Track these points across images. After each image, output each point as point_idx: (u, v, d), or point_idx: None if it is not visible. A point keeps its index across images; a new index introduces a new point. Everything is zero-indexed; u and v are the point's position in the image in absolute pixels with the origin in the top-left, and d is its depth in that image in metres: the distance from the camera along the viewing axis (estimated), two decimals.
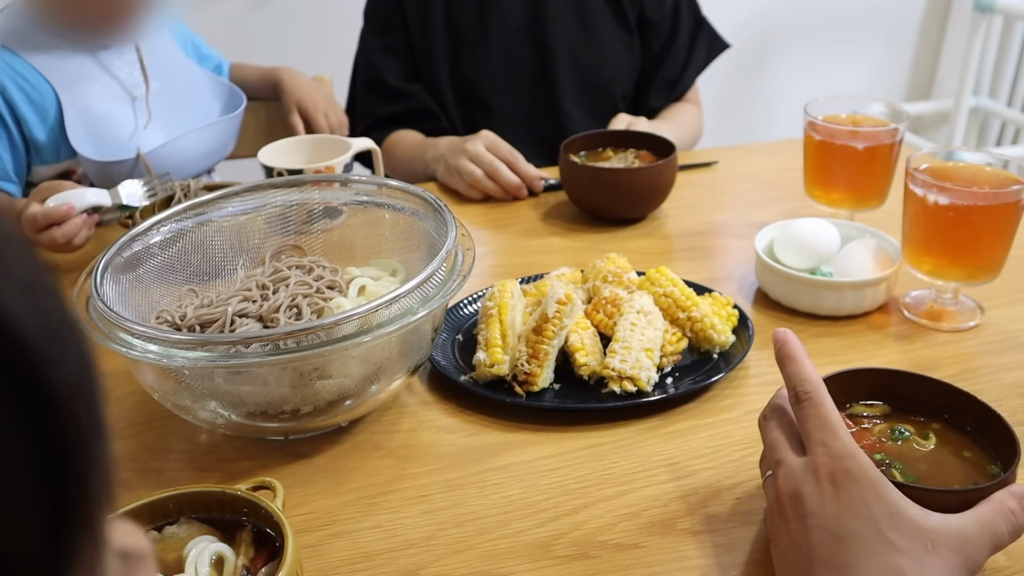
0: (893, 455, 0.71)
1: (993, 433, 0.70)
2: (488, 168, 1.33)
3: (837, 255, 1.04)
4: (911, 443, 0.72)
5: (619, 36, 1.62)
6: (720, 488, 0.77)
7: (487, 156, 1.34)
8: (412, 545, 0.73)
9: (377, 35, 1.64)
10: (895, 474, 0.68)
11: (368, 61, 1.64)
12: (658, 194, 1.27)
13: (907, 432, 0.72)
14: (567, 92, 1.60)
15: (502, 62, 1.59)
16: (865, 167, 1.17)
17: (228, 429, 0.84)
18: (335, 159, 1.19)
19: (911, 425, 0.73)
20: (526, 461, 0.81)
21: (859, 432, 0.72)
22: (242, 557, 0.63)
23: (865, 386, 0.75)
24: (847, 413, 0.75)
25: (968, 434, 0.72)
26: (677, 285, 0.96)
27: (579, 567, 0.70)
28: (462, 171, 1.35)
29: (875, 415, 0.75)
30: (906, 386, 0.75)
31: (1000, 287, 1.02)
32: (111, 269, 0.85)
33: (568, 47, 1.59)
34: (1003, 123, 3.19)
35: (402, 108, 1.61)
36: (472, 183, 1.34)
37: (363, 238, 1.00)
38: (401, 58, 1.62)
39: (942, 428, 0.73)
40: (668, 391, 0.88)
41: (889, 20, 3.12)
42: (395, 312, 0.76)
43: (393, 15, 1.62)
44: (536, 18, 1.58)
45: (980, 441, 0.71)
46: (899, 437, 0.72)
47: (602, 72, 1.62)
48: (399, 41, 1.62)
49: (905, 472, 0.69)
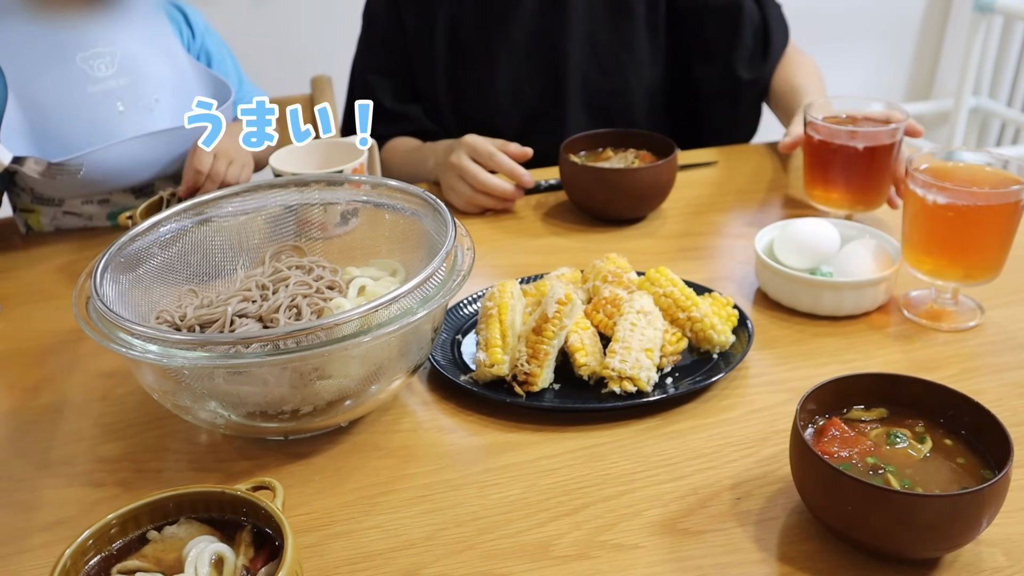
0: (886, 459, 0.71)
1: (988, 435, 0.70)
2: (475, 183, 1.29)
3: (837, 255, 1.04)
4: (906, 448, 0.72)
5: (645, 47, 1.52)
6: (720, 488, 0.77)
7: (472, 169, 1.29)
8: (412, 545, 0.73)
9: (375, 52, 1.57)
10: (889, 478, 0.69)
11: (364, 80, 1.57)
12: (658, 194, 1.27)
13: (903, 436, 0.73)
14: (577, 120, 1.52)
15: (507, 88, 1.51)
16: (865, 167, 1.17)
17: (228, 429, 0.84)
18: (347, 164, 1.19)
19: (907, 429, 0.74)
20: (526, 461, 0.81)
21: (856, 436, 0.72)
22: (242, 557, 0.62)
23: (863, 390, 0.76)
24: (845, 417, 0.75)
25: (963, 437, 0.72)
26: (677, 285, 0.96)
27: (579, 567, 0.70)
28: (454, 189, 1.32)
29: (873, 419, 0.75)
30: (903, 389, 0.75)
31: (1000, 287, 1.02)
32: (111, 269, 0.85)
33: (581, 71, 1.50)
34: (1003, 123, 3.19)
35: (399, 130, 1.55)
36: (467, 201, 1.31)
37: (363, 238, 1.00)
38: (399, 78, 1.55)
39: (938, 432, 0.73)
40: (668, 391, 0.88)
41: (889, 20, 3.12)
42: (395, 312, 0.76)
43: (393, 31, 1.54)
44: (547, 40, 1.49)
45: (975, 444, 0.71)
46: (895, 442, 0.72)
47: (619, 96, 1.53)
48: (397, 60, 1.55)
49: (899, 476, 0.69)
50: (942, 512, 0.64)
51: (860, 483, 0.65)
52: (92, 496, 0.80)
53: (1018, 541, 0.70)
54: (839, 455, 0.71)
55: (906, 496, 0.65)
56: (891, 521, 0.65)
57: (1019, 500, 0.74)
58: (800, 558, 0.70)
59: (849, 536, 0.69)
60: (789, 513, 0.74)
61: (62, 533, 0.76)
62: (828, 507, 0.69)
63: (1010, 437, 0.67)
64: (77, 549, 0.61)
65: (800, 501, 0.73)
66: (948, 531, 0.65)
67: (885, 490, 0.65)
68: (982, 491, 0.63)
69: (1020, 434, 0.81)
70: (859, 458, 0.71)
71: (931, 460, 0.71)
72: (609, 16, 1.51)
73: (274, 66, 2.19)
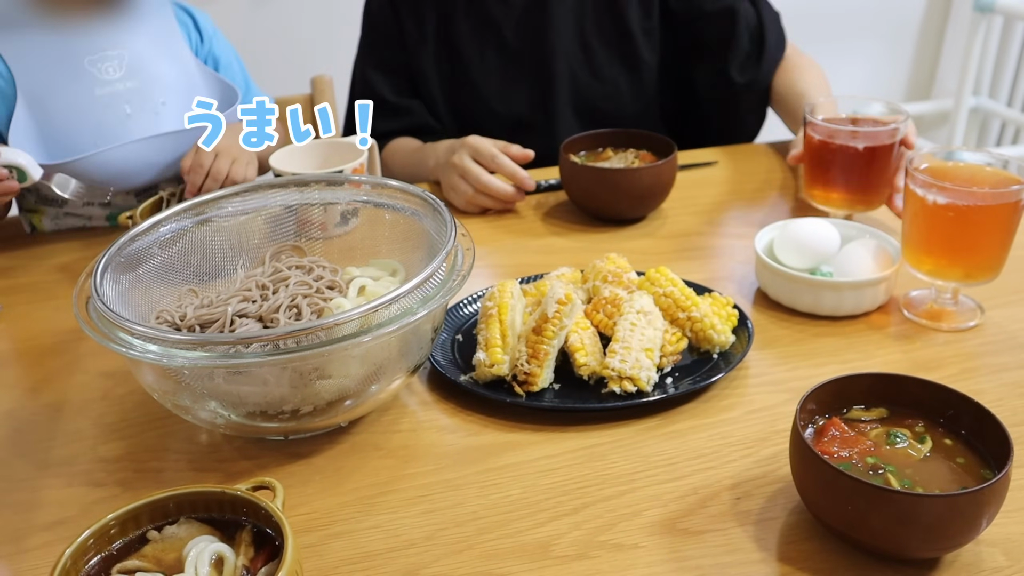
0: (886, 459, 0.71)
1: (988, 434, 0.70)
2: (477, 184, 1.30)
3: (837, 255, 1.04)
4: (906, 448, 0.72)
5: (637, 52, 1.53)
6: (720, 488, 0.77)
7: (474, 170, 1.30)
8: (412, 545, 0.73)
9: (375, 49, 1.59)
10: (889, 478, 0.69)
11: (365, 76, 1.58)
12: (658, 194, 1.27)
13: (903, 436, 0.73)
14: (567, 121, 1.53)
15: (497, 88, 1.52)
16: (865, 167, 1.17)
17: (228, 429, 0.84)
18: (347, 164, 1.19)
19: (907, 429, 0.74)
20: (526, 461, 0.81)
21: (856, 436, 0.73)
22: (242, 557, 0.63)
23: (863, 390, 0.76)
24: (844, 417, 0.75)
25: (963, 437, 0.72)
26: (677, 285, 0.96)
27: (579, 567, 0.70)
28: (455, 189, 1.32)
29: (873, 419, 0.75)
30: (903, 389, 0.75)
31: (1000, 287, 1.02)
32: (111, 269, 0.85)
33: (569, 72, 1.52)
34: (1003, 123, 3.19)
35: (402, 124, 1.56)
36: (468, 201, 1.32)
37: (363, 238, 1.00)
38: (399, 73, 1.56)
39: (938, 432, 0.73)
40: (668, 391, 0.88)
41: (889, 20, 3.12)
42: (395, 312, 0.76)
43: (390, 29, 1.56)
44: (536, 42, 1.50)
45: (975, 444, 0.71)
46: (894, 442, 0.72)
47: (611, 99, 1.54)
48: (397, 56, 1.56)
49: (899, 475, 0.69)
50: (942, 512, 0.64)
51: (860, 483, 0.65)
52: (92, 496, 0.80)
53: (1018, 541, 0.70)
54: (839, 455, 0.71)
55: (906, 496, 0.65)
56: (891, 521, 0.65)
57: (1019, 500, 0.74)
58: (800, 558, 0.70)
59: (849, 536, 0.69)
60: (789, 513, 0.74)
61: (62, 533, 0.76)
62: (828, 507, 0.69)
63: (1010, 437, 0.67)
64: (77, 549, 0.61)
65: (800, 501, 0.73)
66: (948, 531, 0.65)
67: (885, 490, 0.65)
68: (982, 491, 0.63)
69: (1020, 434, 0.81)
70: (859, 458, 0.71)
71: (931, 460, 0.71)
72: (598, 18, 1.52)
73: (274, 66, 2.19)
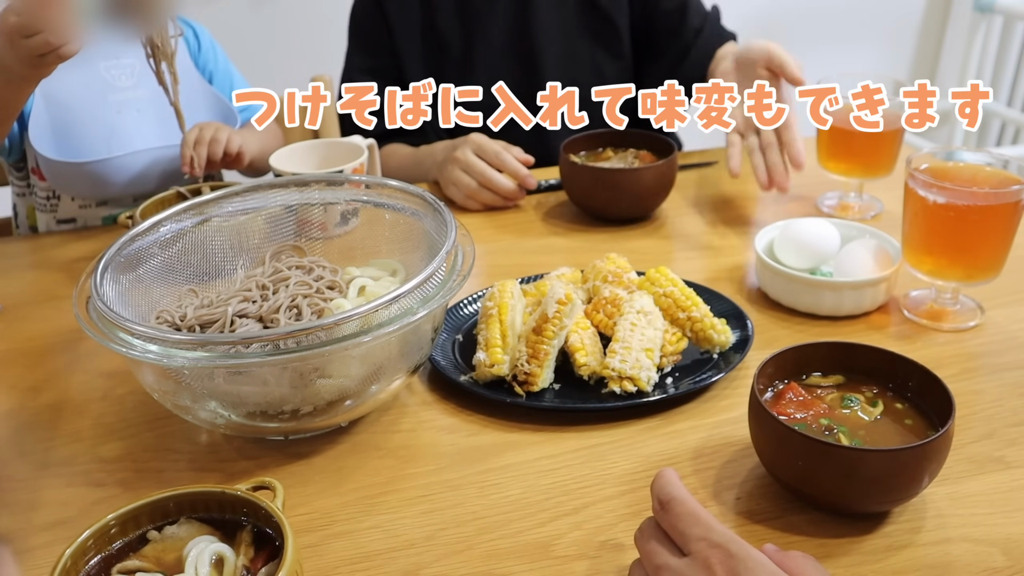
0: (839, 421, 0.75)
1: (934, 397, 0.74)
2: (481, 178, 1.31)
3: (837, 255, 1.04)
4: (858, 411, 0.76)
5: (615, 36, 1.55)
6: (720, 488, 0.77)
7: (478, 164, 1.31)
8: (412, 545, 0.73)
9: (361, 54, 1.58)
10: (840, 437, 0.73)
11: (353, 81, 1.53)
12: (658, 194, 1.27)
13: (856, 400, 0.77)
14: None
15: (486, 84, 1.48)
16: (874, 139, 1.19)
17: (228, 429, 0.84)
18: (347, 164, 1.19)
19: (861, 394, 0.78)
20: (526, 461, 0.81)
21: (812, 399, 0.77)
22: (242, 557, 0.63)
23: (821, 357, 0.80)
24: (803, 383, 0.79)
25: (912, 400, 0.76)
26: (677, 285, 0.96)
27: (579, 567, 0.70)
28: (457, 183, 1.33)
29: (830, 384, 0.79)
30: (859, 356, 0.79)
31: (1000, 287, 1.02)
32: (111, 269, 0.85)
33: (559, 68, 1.53)
34: (1003, 123, 3.20)
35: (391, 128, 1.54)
36: (469, 195, 1.32)
37: (363, 238, 1.00)
38: (387, 78, 1.53)
39: (890, 396, 0.78)
40: (668, 391, 0.88)
41: (889, 20, 3.12)
42: (395, 312, 0.76)
43: (377, 32, 1.55)
44: (522, 37, 1.52)
45: (923, 407, 0.76)
46: (848, 405, 0.76)
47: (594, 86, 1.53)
48: (385, 61, 1.56)
49: (850, 436, 0.73)
50: (885, 465, 0.68)
51: (809, 439, 0.70)
52: (92, 496, 0.80)
53: (1018, 541, 0.70)
54: (795, 416, 0.75)
55: (851, 451, 0.69)
56: (838, 475, 0.69)
57: (1019, 500, 0.74)
58: None
59: (803, 492, 0.72)
60: (790, 513, 0.74)
61: (62, 533, 0.76)
62: (781, 464, 0.73)
63: (952, 398, 0.71)
64: (77, 549, 0.61)
65: (800, 501, 0.74)
66: (891, 484, 0.69)
67: (832, 445, 0.70)
68: (922, 446, 0.67)
69: (1020, 434, 0.82)
70: (813, 419, 0.75)
71: (882, 422, 0.75)
72: (581, 9, 1.53)
73: (274, 66, 2.19)
